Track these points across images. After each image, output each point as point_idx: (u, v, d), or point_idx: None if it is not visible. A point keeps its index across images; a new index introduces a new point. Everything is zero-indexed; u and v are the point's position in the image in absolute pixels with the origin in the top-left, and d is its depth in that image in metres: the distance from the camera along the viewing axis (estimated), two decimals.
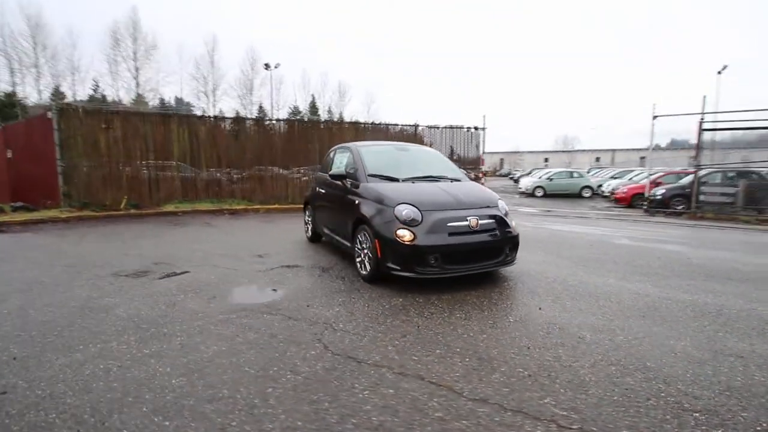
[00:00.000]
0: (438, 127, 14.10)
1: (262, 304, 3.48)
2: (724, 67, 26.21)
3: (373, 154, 4.87)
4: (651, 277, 4.23)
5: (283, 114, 44.64)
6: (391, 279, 4.00)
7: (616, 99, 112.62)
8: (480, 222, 3.85)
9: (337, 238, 5.04)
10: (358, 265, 4.26)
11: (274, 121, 13.56)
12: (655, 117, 11.85)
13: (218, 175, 12.41)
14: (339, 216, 4.91)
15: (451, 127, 14.15)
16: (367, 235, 4.03)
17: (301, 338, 2.73)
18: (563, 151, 64.87)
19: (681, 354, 2.47)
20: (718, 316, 3.09)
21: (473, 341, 2.65)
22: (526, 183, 20.87)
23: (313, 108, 50.44)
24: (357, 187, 4.50)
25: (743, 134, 11.56)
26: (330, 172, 4.88)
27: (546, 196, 18.90)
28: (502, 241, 3.96)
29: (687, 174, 14.88)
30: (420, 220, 3.72)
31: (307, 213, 6.48)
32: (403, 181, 4.43)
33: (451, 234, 3.72)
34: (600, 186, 19.86)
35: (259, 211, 11.22)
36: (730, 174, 12.30)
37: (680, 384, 2.12)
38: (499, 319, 3.04)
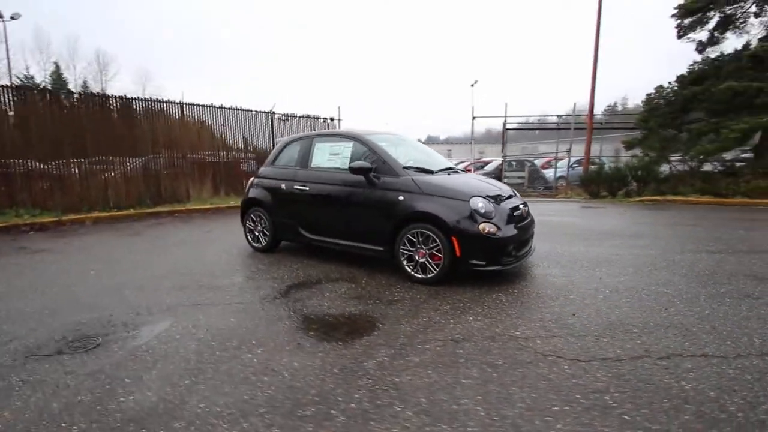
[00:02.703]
0: (295, 116, 13.26)
1: (382, 334, 2.71)
2: (476, 81, 34.79)
3: (387, 144, 4.33)
4: (598, 241, 5.51)
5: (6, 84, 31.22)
6: (452, 277, 3.78)
7: (394, 99, 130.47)
8: (525, 209, 4.11)
9: (346, 242, 4.28)
10: (409, 268, 3.81)
11: (82, 96, 9.59)
12: (474, 117, 14.85)
13: None
14: (356, 216, 4.17)
15: (309, 117, 13.57)
16: (429, 233, 3.64)
17: (521, 357, 2.35)
18: None
19: (744, 284, 3.45)
20: (694, 265, 4.40)
21: (636, 316, 2.92)
22: None
23: (59, 79, 37.69)
24: (377, 181, 3.96)
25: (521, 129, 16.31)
26: (350, 165, 4.04)
27: None
28: (533, 226, 4.35)
29: (486, 163, 19.32)
30: (494, 212, 3.67)
31: (253, 217, 5.13)
32: (437, 172, 4.18)
33: (517, 223, 3.83)
34: None
35: (86, 222, 7.91)
36: (515, 163, 16.74)
37: None
38: (604, 292, 3.41)
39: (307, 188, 4.52)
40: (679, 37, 11.67)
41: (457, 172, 4.50)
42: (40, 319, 3.10)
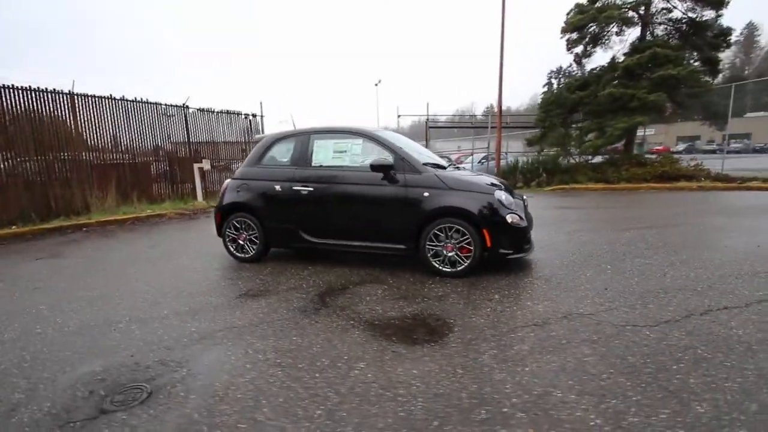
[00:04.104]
0: (213, 111, 11.97)
1: (464, 330, 2.72)
2: (380, 81, 35.91)
3: (398, 141, 4.24)
4: (555, 228, 6.23)
5: None
6: (476, 270, 3.92)
7: (289, 97, 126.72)
8: (527, 200, 4.47)
9: (362, 244, 4.11)
10: (436, 263, 3.85)
11: None
12: (399, 116, 15.33)
13: None
14: (374, 216, 4.02)
15: (229, 112, 12.38)
16: (458, 227, 3.73)
17: (608, 330, 2.59)
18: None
19: (694, 250, 4.28)
20: (646, 239, 5.28)
21: (652, 283, 3.43)
22: None
23: None
24: (399, 179, 3.91)
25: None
26: (371, 163, 3.85)
27: None
28: None
29: None
30: (514, 203, 3.92)
31: (236, 224, 4.56)
32: (447, 168, 4.27)
33: (526, 212, 4.14)
34: None
35: None
36: None
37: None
38: (607, 268, 3.92)
39: (311, 188, 4.20)
40: (568, 49, 13.80)
41: (456, 167, 4.68)
42: (29, 375, 2.34)
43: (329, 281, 3.87)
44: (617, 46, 14.23)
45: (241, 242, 4.59)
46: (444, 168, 4.22)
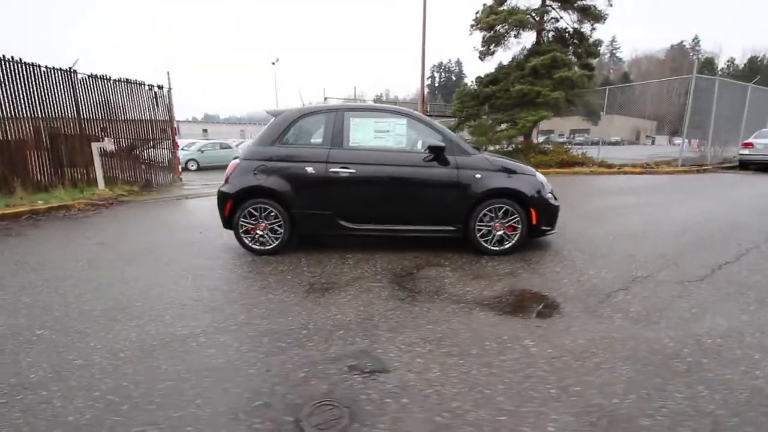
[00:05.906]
0: (109, 79, 9.75)
1: (572, 302, 2.93)
2: (277, 59, 33.71)
3: (437, 123, 4.16)
4: None
5: None
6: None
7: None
8: None
9: (409, 228, 4.00)
10: (483, 242, 3.98)
11: None
12: (325, 99, 14.71)
13: None
14: (425, 198, 3.93)
15: (129, 81, 10.23)
16: (508, 207, 3.92)
17: (676, 288, 3.09)
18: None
19: (669, 224, 5.25)
20: (604, 215, 6.22)
21: (658, 249, 4.13)
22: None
23: None
24: (450, 161, 3.91)
25: None
26: (430, 144, 3.69)
27: (200, 169, 17.72)
28: None
29: None
30: (548, 184, 4.26)
31: (253, 212, 3.95)
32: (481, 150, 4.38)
33: None
34: None
35: None
36: None
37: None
38: (609, 238, 4.56)
39: (353, 170, 3.87)
40: (482, 46, 15.05)
41: None
42: (153, 420, 1.74)
43: (387, 268, 3.67)
44: (515, 47, 16.11)
45: (259, 233, 4.00)
46: (480, 150, 4.34)
